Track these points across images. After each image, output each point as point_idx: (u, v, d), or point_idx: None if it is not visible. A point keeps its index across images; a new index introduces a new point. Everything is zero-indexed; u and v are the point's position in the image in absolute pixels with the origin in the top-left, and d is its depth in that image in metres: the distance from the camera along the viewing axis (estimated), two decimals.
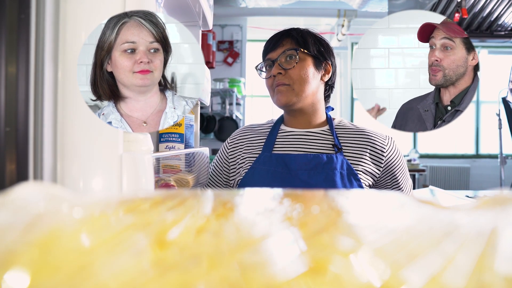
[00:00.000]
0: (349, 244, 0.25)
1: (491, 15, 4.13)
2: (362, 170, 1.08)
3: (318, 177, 1.04)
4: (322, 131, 1.13)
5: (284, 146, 1.13)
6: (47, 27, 0.61)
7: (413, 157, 5.45)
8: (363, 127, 1.15)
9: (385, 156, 1.11)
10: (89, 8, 0.62)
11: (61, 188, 0.42)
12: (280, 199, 0.37)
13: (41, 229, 0.27)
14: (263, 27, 5.75)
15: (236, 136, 1.22)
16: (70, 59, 0.62)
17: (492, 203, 0.35)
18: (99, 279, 0.22)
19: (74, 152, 0.61)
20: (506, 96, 3.44)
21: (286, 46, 1.09)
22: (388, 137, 1.14)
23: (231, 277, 0.22)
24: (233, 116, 4.78)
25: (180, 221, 0.29)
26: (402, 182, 1.16)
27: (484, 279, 0.21)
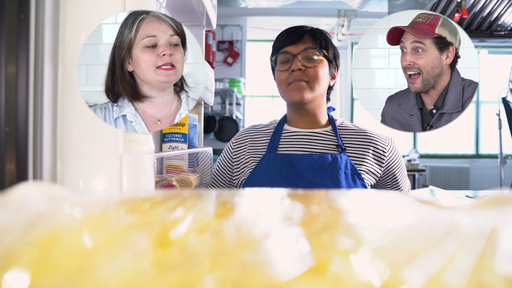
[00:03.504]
0: (349, 244, 0.25)
1: (491, 15, 4.13)
2: (365, 170, 1.10)
3: (323, 176, 1.06)
4: (325, 132, 1.15)
5: (288, 146, 1.14)
6: (47, 27, 0.61)
7: (413, 157, 5.45)
8: (364, 128, 1.17)
9: (386, 156, 1.14)
10: (89, 8, 0.62)
11: (61, 188, 0.42)
12: (281, 199, 0.37)
13: (41, 229, 0.27)
14: (263, 27, 5.75)
15: (241, 136, 1.23)
16: (70, 59, 0.62)
17: (492, 203, 0.35)
18: (99, 279, 0.22)
19: (74, 152, 0.61)
20: (506, 96, 3.44)
21: (308, 43, 1.10)
22: (388, 138, 1.17)
23: (231, 277, 0.22)
24: (233, 116, 4.78)
25: (180, 221, 0.29)
26: (401, 182, 1.19)
27: (484, 279, 0.21)
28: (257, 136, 1.19)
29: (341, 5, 5.03)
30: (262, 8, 4.86)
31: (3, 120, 0.57)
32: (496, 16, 4.13)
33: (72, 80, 0.61)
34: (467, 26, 4.27)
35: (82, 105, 0.61)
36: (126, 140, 0.65)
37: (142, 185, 0.64)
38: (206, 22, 1.21)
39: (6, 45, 0.57)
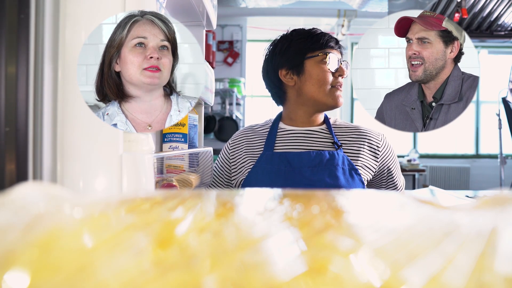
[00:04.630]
0: (349, 244, 0.25)
1: (491, 15, 4.13)
2: (362, 165, 1.12)
3: (321, 173, 1.07)
4: (321, 130, 1.16)
5: (285, 144, 1.14)
6: (47, 27, 0.61)
7: (413, 157, 5.45)
8: (357, 124, 1.19)
9: (381, 151, 1.15)
10: (89, 8, 0.62)
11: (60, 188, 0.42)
12: (280, 199, 0.37)
13: (41, 229, 0.27)
14: (263, 27, 5.75)
15: (237, 137, 1.24)
16: (70, 59, 0.62)
17: (492, 203, 0.34)
18: (99, 279, 0.22)
19: (74, 152, 0.61)
20: (506, 96, 3.44)
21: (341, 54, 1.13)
22: (381, 134, 1.18)
23: (231, 276, 0.22)
24: (233, 116, 4.78)
25: (180, 221, 0.29)
26: (396, 177, 1.21)
27: (484, 279, 0.21)
28: (254, 136, 1.20)
29: (341, 5, 5.03)
30: (262, 8, 4.86)
31: (3, 120, 0.57)
32: (496, 16, 4.13)
33: (72, 80, 0.61)
34: (467, 26, 4.27)
35: (82, 105, 0.61)
36: (126, 140, 0.65)
37: (142, 185, 0.64)
38: (206, 22, 1.21)
39: (6, 45, 0.57)
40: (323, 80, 1.08)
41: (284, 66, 1.12)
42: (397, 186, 1.22)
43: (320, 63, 1.09)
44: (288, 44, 1.12)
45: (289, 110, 1.17)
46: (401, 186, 1.24)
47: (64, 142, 0.62)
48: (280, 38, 1.16)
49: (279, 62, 1.13)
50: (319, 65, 1.09)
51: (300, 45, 1.10)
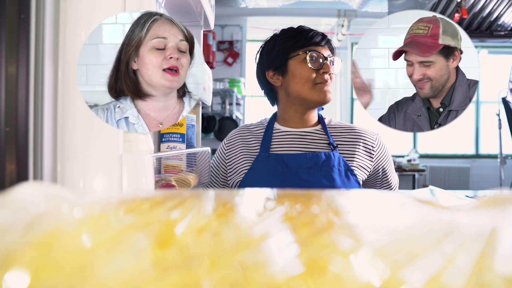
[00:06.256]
0: (349, 244, 0.25)
1: (491, 15, 4.13)
2: (357, 165, 1.12)
3: (318, 175, 1.07)
4: (316, 130, 1.16)
5: (281, 146, 1.14)
6: (47, 27, 0.61)
7: (413, 157, 5.45)
8: (351, 125, 1.19)
9: (376, 150, 1.16)
10: (89, 8, 0.62)
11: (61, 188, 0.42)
12: (280, 199, 0.37)
13: (41, 229, 0.27)
14: (263, 27, 5.75)
15: (233, 137, 1.23)
16: (70, 59, 0.62)
17: (492, 203, 0.35)
18: (99, 279, 0.22)
19: (74, 152, 0.61)
20: (506, 96, 3.44)
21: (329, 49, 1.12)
22: (375, 133, 1.18)
23: (231, 277, 0.22)
24: (233, 116, 4.79)
25: (180, 221, 0.29)
26: (390, 176, 1.21)
27: (484, 279, 0.21)
28: (249, 136, 1.19)
29: (341, 5, 5.03)
30: (262, 8, 4.86)
31: (3, 120, 0.57)
32: (496, 16, 4.13)
33: (72, 80, 0.61)
34: (467, 26, 4.27)
35: (82, 105, 0.61)
36: (126, 140, 0.65)
37: (142, 185, 0.64)
38: (204, 22, 1.21)
39: (6, 45, 0.57)
40: (305, 78, 1.08)
41: (270, 68, 1.13)
42: (391, 185, 1.22)
43: (302, 62, 1.08)
44: (272, 45, 1.13)
45: (282, 111, 1.18)
46: (395, 185, 1.24)
47: (64, 142, 0.62)
48: (268, 39, 1.16)
49: (265, 63, 1.14)
50: (301, 64, 1.08)
51: (283, 45, 1.10)
